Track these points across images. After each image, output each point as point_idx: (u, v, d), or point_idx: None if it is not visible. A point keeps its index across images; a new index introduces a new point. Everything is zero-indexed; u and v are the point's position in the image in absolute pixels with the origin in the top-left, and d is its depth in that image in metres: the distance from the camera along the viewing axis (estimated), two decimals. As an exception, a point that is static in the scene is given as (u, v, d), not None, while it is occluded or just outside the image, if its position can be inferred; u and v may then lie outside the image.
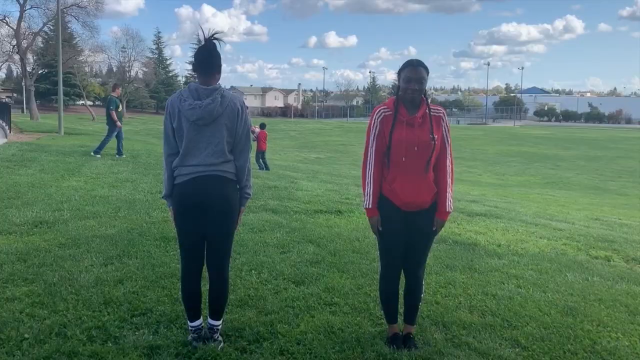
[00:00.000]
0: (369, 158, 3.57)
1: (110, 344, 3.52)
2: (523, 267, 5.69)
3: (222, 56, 3.50)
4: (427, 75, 3.51)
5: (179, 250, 3.64)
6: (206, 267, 3.58)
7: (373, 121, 3.56)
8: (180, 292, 3.76)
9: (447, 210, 3.59)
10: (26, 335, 3.57)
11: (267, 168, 16.63)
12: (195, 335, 3.58)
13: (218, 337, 3.58)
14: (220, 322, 3.63)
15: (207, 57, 3.45)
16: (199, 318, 3.59)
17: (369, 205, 3.57)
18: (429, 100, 3.62)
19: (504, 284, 5.10)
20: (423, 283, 3.82)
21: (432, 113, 3.53)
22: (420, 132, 3.48)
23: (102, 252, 5.48)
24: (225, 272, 3.57)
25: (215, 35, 3.46)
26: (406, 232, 3.60)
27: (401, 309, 3.88)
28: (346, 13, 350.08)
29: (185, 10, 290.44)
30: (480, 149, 35.97)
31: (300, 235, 6.51)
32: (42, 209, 7.43)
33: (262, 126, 17.86)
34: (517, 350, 3.74)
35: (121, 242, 5.83)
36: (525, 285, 5.09)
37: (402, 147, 3.46)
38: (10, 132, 22.97)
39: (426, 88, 3.56)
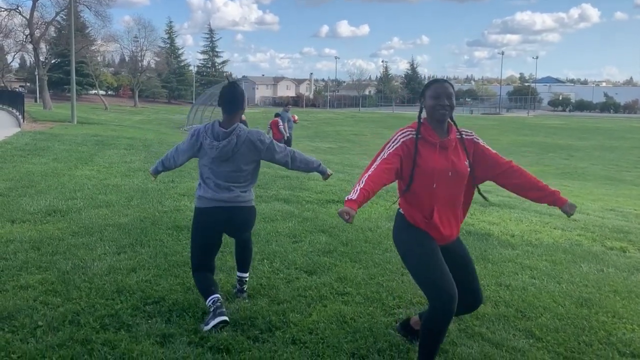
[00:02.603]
0: (374, 164, 3.09)
1: (123, 332, 3.53)
2: (537, 258, 5.65)
3: (244, 93, 3.96)
4: (454, 91, 3.16)
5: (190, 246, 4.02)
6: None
7: (395, 137, 3.16)
8: (196, 285, 3.96)
9: (555, 191, 3.16)
10: (40, 323, 3.60)
11: None
12: (216, 305, 3.66)
13: (245, 289, 4.22)
14: (247, 274, 4.24)
15: (233, 97, 3.82)
16: (217, 291, 3.80)
17: (353, 197, 2.83)
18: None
19: (517, 274, 5.06)
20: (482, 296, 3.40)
21: (464, 136, 3.19)
22: (455, 157, 3.11)
23: (115, 240, 5.50)
24: (249, 237, 4.24)
25: (240, 80, 3.86)
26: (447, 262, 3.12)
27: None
28: (358, 2, 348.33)
29: (196, 0, 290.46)
30: (494, 139, 35.71)
31: (313, 225, 6.49)
32: (55, 197, 7.48)
33: (277, 115, 17.77)
34: (531, 341, 3.71)
35: (134, 231, 5.85)
36: (540, 276, 5.05)
37: (433, 172, 3.05)
38: (23, 121, 23.16)
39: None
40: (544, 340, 3.72)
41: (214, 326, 3.58)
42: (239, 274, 4.22)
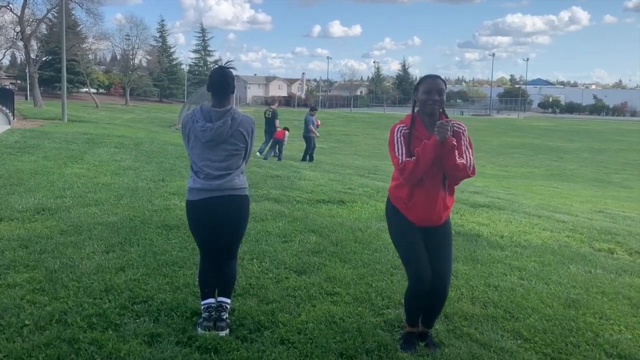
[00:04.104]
0: (399, 151, 3.33)
1: (110, 332, 3.51)
2: (526, 259, 5.67)
3: (234, 76, 3.75)
4: (446, 88, 3.37)
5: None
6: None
7: (395, 135, 3.38)
8: (197, 277, 3.89)
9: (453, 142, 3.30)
10: (26, 322, 3.57)
11: (279, 157, 16.72)
12: (207, 314, 3.66)
13: (226, 317, 3.71)
14: (230, 300, 3.81)
15: (223, 80, 3.65)
16: (212, 296, 3.74)
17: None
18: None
19: (506, 275, 5.08)
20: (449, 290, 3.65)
21: (454, 129, 3.36)
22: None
23: (104, 239, 5.47)
24: (234, 259, 3.90)
25: (231, 64, 3.74)
26: (425, 246, 3.47)
27: None
28: (350, 2, 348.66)
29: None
30: (484, 140, 35.84)
31: (303, 224, 6.49)
32: (44, 195, 7.43)
33: (285, 129, 17.82)
34: (519, 342, 3.73)
35: (123, 230, 5.82)
36: (528, 277, 5.07)
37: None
38: (13, 118, 23.00)
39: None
40: (532, 341, 3.74)
41: (203, 328, 3.60)
42: (220, 298, 3.77)
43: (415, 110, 3.42)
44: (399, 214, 3.49)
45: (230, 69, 3.70)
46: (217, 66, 3.78)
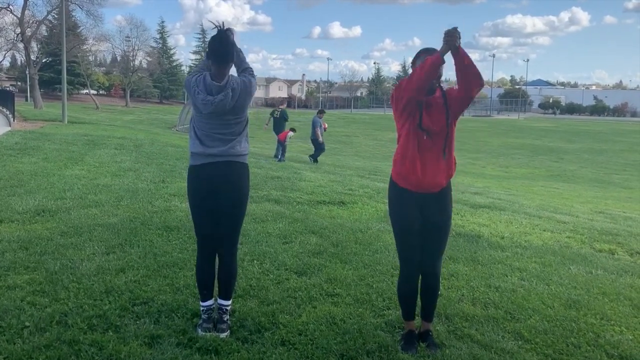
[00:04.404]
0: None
1: (111, 333, 3.51)
2: (526, 260, 5.67)
3: (234, 42, 3.66)
4: (443, 61, 3.42)
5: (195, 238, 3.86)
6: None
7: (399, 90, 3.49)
8: (195, 275, 3.85)
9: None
10: (27, 323, 3.57)
11: (281, 159, 16.69)
12: (206, 316, 3.65)
13: (227, 319, 3.69)
14: (230, 302, 3.77)
15: (222, 46, 3.56)
16: (211, 298, 3.72)
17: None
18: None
19: (507, 276, 5.07)
20: (440, 280, 3.76)
21: (446, 90, 3.51)
22: (438, 114, 3.47)
23: (104, 240, 5.47)
24: (234, 253, 3.83)
25: (229, 28, 3.62)
26: (422, 224, 3.53)
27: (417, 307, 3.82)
28: (350, 3, 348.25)
29: (189, 0, 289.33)
30: (484, 141, 35.87)
31: (303, 225, 6.49)
32: (44, 197, 7.42)
33: (292, 129, 17.77)
34: (519, 343, 3.72)
35: (123, 231, 5.81)
36: (529, 277, 5.06)
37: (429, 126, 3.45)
38: (13, 120, 23.00)
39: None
40: (533, 342, 3.73)
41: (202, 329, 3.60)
42: (219, 301, 3.74)
43: None
44: (400, 194, 3.54)
45: (230, 33, 3.59)
46: (216, 33, 3.63)
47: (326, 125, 18.23)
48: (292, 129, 17.48)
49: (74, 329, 3.52)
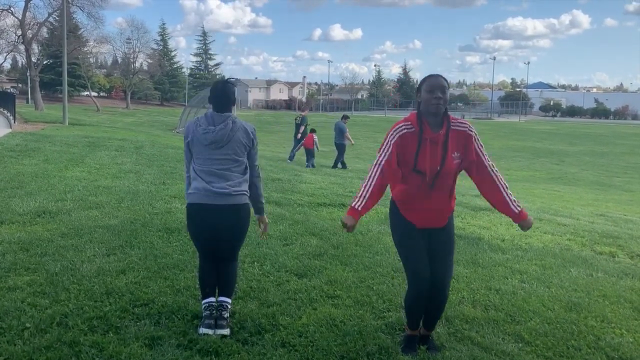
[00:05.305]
0: (375, 170, 3.37)
1: (111, 334, 3.51)
2: (527, 262, 5.66)
3: (235, 91, 3.86)
4: (448, 86, 3.36)
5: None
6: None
7: (388, 138, 3.39)
8: (197, 275, 3.89)
9: (517, 210, 3.41)
10: (27, 325, 3.57)
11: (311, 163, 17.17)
12: (208, 312, 3.67)
13: (227, 316, 3.72)
14: (230, 300, 3.80)
15: (224, 94, 3.74)
16: (213, 295, 3.76)
17: (357, 207, 3.32)
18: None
19: (507, 278, 5.07)
20: (448, 293, 3.64)
21: (453, 127, 3.36)
22: (443, 152, 3.32)
23: (105, 242, 5.47)
24: (235, 260, 3.91)
25: (231, 80, 3.83)
26: (428, 248, 3.49)
27: None
28: (351, 6, 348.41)
29: (189, 2, 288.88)
30: (485, 144, 35.41)
31: (303, 227, 6.49)
32: (45, 199, 7.43)
33: (312, 130, 18.47)
34: (520, 345, 3.72)
35: (124, 233, 5.82)
36: (529, 280, 5.06)
37: (426, 168, 3.32)
38: (14, 122, 23.02)
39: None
40: (533, 344, 3.73)
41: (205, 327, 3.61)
42: (220, 298, 3.79)
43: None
44: (403, 218, 3.49)
45: (231, 84, 3.79)
46: (219, 80, 3.87)
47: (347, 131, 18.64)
48: (313, 130, 18.19)
49: (75, 330, 3.52)
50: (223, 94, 3.73)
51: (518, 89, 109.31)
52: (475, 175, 3.48)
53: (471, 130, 3.42)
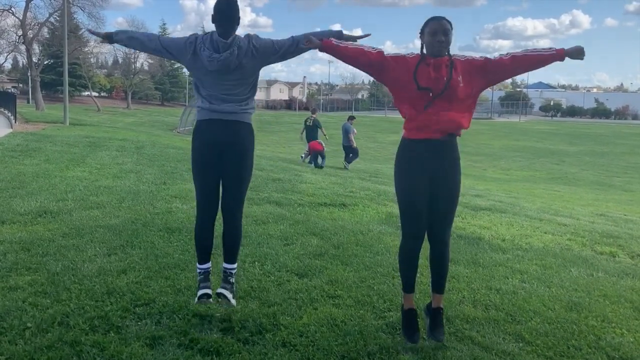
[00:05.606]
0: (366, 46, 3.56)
1: (112, 334, 3.52)
2: (527, 262, 5.67)
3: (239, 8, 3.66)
4: (452, 29, 3.41)
5: (195, 200, 3.86)
6: (221, 211, 3.83)
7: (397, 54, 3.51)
8: (194, 237, 3.90)
9: (553, 52, 3.48)
10: (29, 324, 3.57)
11: (316, 165, 16.99)
12: (202, 277, 3.70)
13: (232, 281, 3.77)
14: (235, 265, 3.84)
15: (229, 8, 3.58)
16: (208, 261, 3.76)
17: (328, 42, 3.50)
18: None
19: (508, 278, 5.07)
20: (449, 249, 3.71)
21: (457, 59, 3.45)
22: (448, 74, 3.39)
23: (106, 242, 5.48)
24: (239, 216, 3.84)
25: None
26: (429, 191, 3.48)
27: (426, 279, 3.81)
28: (351, 5, 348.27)
29: (190, 2, 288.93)
30: (485, 144, 35.82)
31: (304, 227, 6.49)
32: (46, 198, 7.43)
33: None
34: (520, 345, 3.72)
35: (125, 233, 5.82)
36: (530, 280, 5.07)
37: (430, 84, 3.39)
38: (15, 122, 23.05)
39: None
40: (534, 344, 3.73)
41: (199, 298, 3.68)
42: (224, 265, 3.86)
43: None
44: (410, 160, 3.50)
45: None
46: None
47: (356, 131, 18.76)
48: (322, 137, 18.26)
49: (76, 330, 3.53)
50: (228, 9, 3.55)
51: (518, 89, 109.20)
52: (496, 71, 3.48)
53: (471, 57, 3.50)
